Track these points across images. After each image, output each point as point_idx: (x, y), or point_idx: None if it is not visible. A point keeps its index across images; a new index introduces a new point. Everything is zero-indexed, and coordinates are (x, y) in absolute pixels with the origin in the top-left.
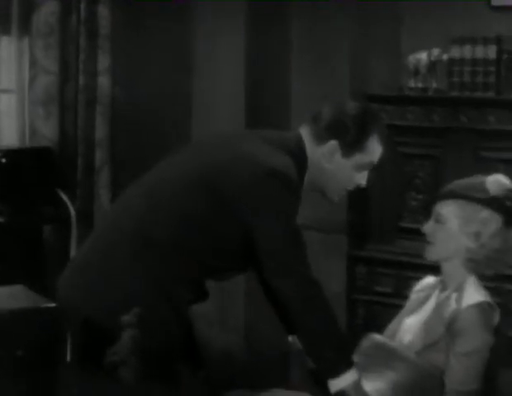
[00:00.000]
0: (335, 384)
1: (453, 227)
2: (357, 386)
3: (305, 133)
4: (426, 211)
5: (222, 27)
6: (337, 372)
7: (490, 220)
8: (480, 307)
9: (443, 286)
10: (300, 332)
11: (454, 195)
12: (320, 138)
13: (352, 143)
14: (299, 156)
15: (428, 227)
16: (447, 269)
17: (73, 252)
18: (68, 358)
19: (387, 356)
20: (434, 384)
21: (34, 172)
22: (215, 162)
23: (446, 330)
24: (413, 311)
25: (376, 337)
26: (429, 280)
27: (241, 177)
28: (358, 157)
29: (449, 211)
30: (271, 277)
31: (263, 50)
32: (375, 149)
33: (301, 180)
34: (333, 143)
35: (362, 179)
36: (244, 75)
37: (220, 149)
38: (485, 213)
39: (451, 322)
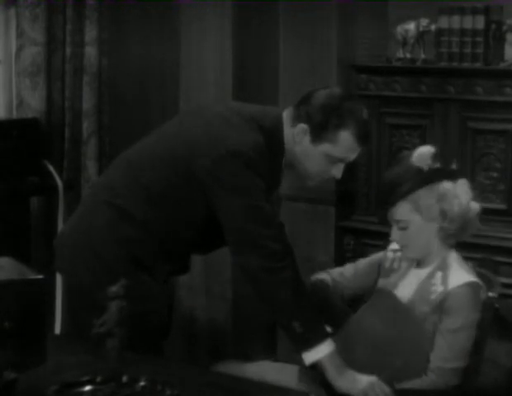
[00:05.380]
0: (309, 357)
1: (417, 223)
2: (332, 358)
3: (286, 114)
4: (383, 219)
5: None
6: (309, 344)
7: (443, 192)
8: (470, 286)
9: (418, 263)
10: (269, 307)
11: (400, 197)
12: (295, 120)
13: (321, 131)
14: (273, 135)
15: (395, 235)
16: (427, 256)
17: (60, 224)
18: (57, 331)
19: (392, 309)
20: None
21: (21, 144)
22: (188, 141)
23: (433, 310)
24: (394, 286)
25: (386, 291)
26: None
27: (208, 157)
28: (327, 147)
29: (405, 213)
30: (234, 254)
31: (250, 21)
32: (348, 145)
33: (277, 158)
34: (303, 125)
35: (336, 172)
36: (232, 45)
37: (195, 127)
38: (435, 189)
39: (440, 302)
